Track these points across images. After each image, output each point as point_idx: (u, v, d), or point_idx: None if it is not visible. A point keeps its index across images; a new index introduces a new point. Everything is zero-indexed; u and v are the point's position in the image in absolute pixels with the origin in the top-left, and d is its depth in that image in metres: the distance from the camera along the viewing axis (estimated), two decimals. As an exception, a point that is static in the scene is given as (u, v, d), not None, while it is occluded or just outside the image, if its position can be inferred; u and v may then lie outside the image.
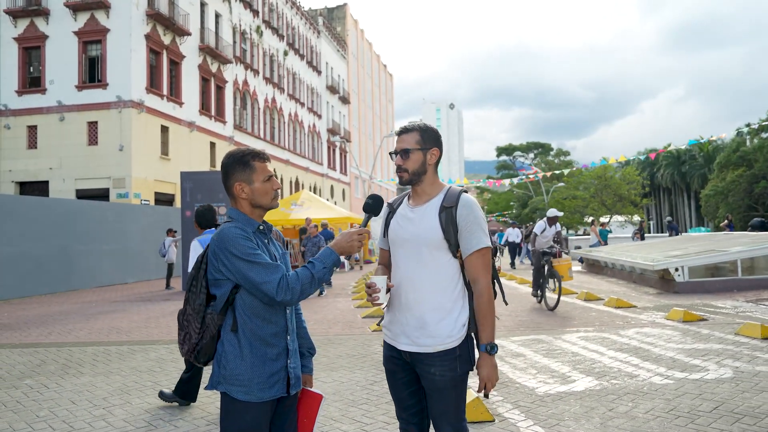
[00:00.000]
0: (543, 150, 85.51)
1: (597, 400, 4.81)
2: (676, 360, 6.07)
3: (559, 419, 4.36)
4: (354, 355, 6.82)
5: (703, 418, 4.27)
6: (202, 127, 31.51)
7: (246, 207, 2.33)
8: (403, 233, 2.45)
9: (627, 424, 4.19)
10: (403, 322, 2.42)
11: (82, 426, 4.54)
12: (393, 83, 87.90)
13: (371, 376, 5.77)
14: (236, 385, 2.22)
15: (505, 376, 5.64)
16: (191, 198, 16.20)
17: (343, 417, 4.55)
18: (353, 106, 63.78)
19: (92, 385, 5.79)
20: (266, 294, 2.16)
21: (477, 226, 2.35)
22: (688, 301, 10.50)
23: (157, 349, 7.62)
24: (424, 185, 2.47)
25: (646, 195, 63.24)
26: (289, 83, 45.41)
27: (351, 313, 10.57)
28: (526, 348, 6.95)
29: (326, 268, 2.23)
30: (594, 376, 5.57)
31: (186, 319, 2.29)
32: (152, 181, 26.96)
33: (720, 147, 64.73)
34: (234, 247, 2.18)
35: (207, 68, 32.28)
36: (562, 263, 10.26)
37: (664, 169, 75.40)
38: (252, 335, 2.24)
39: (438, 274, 2.38)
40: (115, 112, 25.72)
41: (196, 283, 2.28)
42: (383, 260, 2.63)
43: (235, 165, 2.31)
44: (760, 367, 5.63)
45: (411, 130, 2.48)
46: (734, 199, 47.66)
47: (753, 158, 49.11)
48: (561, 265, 10.22)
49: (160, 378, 5.99)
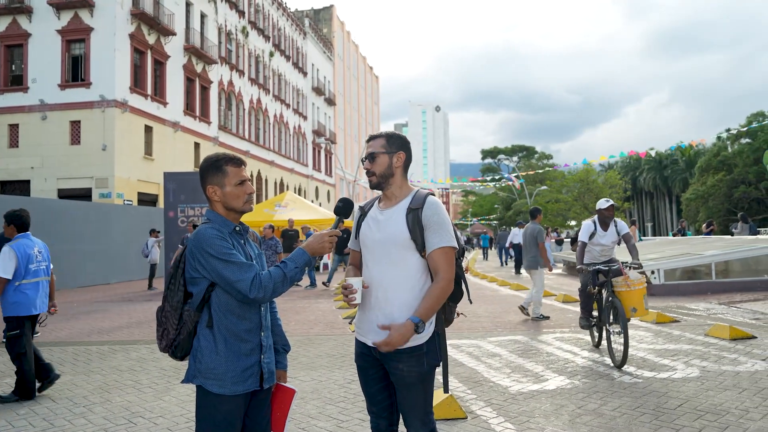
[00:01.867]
0: (527, 153, 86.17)
1: (567, 398, 4.96)
2: (647, 360, 6.24)
3: (529, 416, 4.50)
4: (333, 355, 6.92)
5: (667, 414, 4.43)
6: (186, 128, 31.41)
7: (220, 209, 2.44)
8: (373, 235, 2.57)
9: (594, 421, 4.34)
10: (372, 319, 2.54)
11: (63, 423, 4.60)
12: (379, 85, 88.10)
13: (349, 375, 5.88)
14: (211, 379, 2.32)
15: (480, 376, 5.78)
16: (174, 199, 16.21)
17: (320, 414, 4.66)
18: (339, 108, 63.85)
19: (72, 384, 5.83)
20: (240, 291, 2.28)
21: (441, 226, 2.48)
22: (663, 303, 10.73)
23: (138, 349, 7.66)
24: (393, 188, 2.59)
25: (628, 199, 64.01)
26: (275, 84, 45.39)
27: (332, 313, 10.67)
28: (502, 348, 7.10)
29: (298, 268, 2.35)
30: (566, 375, 5.73)
31: (164, 316, 2.39)
32: (135, 181, 26.84)
33: (701, 151, 65.74)
34: (210, 247, 2.29)
35: (192, 68, 32.19)
36: (632, 288, 6.05)
37: (647, 173, 76.34)
38: (227, 331, 2.35)
39: (406, 274, 2.50)
40: (98, 111, 25.58)
41: (174, 281, 2.38)
42: (354, 261, 2.75)
43: (210, 169, 2.43)
44: (726, 366, 5.82)
45: (378, 136, 2.63)
46: (714, 203, 48.46)
47: (733, 163, 49.99)
48: (630, 292, 6.05)
49: (141, 377, 6.06)
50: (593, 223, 6.91)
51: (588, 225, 6.93)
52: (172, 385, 5.71)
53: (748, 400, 4.69)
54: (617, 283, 6.17)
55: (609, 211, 6.81)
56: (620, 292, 6.12)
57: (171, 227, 16.32)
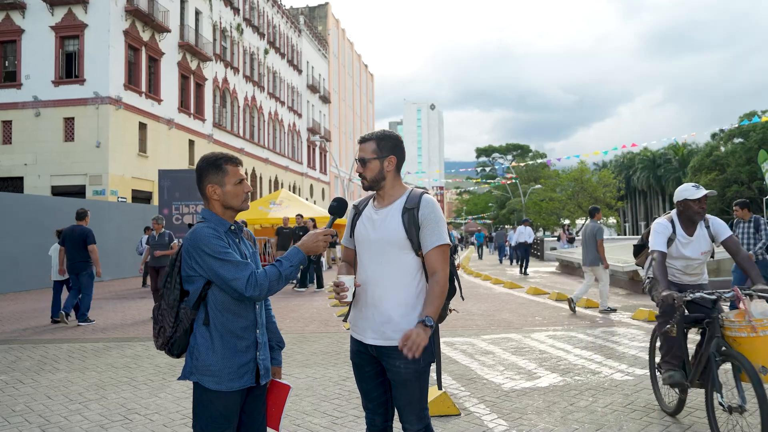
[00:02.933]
0: (522, 152, 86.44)
1: (559, 395, 5.02)
2: (638, 358, 6.32)
3: (522, 413, 4.56)
4: (328, 352, 6.97)
5: (657, 411, 4.50)
6: (180, 125, 31.35)
7: (218, 208, 2.47)
8: (368, 234, 2.61)
9: (586, 418, 4.40)
10: (369, 317, 2.58)
11: (59, 420, 4.63)
12: (374, 83, 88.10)
13: (344, 373, 5.93)
14: (207, 375, 2.37)
15: (473, 373, 5.84)
16: (169, 196, 16.20)
17: (315, 411, 4.70)
18: (334, 106, 63.83)
19: (68, 381, 5.86)
20: (236, 290, 2.31)
21: (436, 225, 2.52)
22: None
23: (133, 346, 7.68)
24: (386, 189, 2.63)
25: (622, 198, 64.31)
26: (270, 82, 45.34)
27: (327, 311, 10.71)
28: (496, 346, 7.17)
29: (293, 266, 2.39)
30: (558, 372, 5.79)
31: (161, 314, 2.43)
32: (129, 178, 26.78)
33: (694, 151, 66.09)
34: (206, 246, 2.33)
35: (186, 65, 32.12)
36: (758, 333, 3.53)
37: (640, 172, 76.69)
38: (223, 329, 2.39)
39: (401, 272, 2.55)
40: (92, 108, 25.51)
41: (171, 279, 2.42)
42: (347, 258, 2.79)
43: (209, 168, 2.46)
44: (716, 364, 5.89)
45: (368, 139, 2.63)
46: (707, 203, 48.64)
47: (726, 163, 50.26)
48: (756, 340, 3.54)
49: (136, 374, 6.08)
50: (671, 223, 4.39)
51: (663, 225, 4.36)
52: (167, 382, 5.74)
53: (736, 398, 4.76)
54: (732, 324, 3.67)
55: (701, 204, 4.27)
56: (737, 339, 3.61)
57: (166, 225, 16.29)
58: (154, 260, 10.33)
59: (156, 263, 10.33)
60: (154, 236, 10.50)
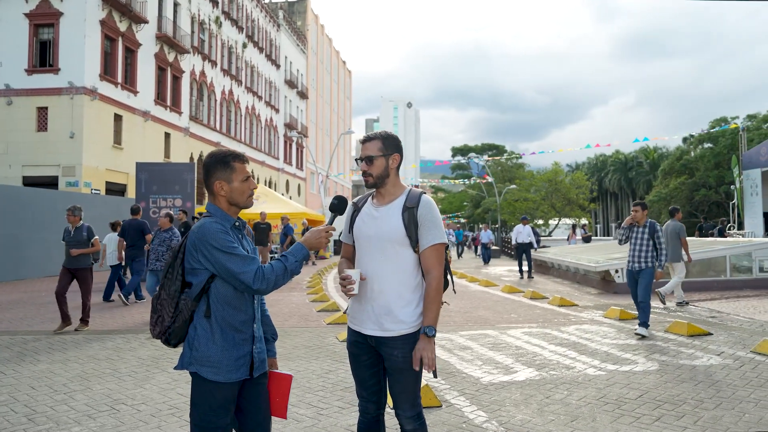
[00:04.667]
0: (497, 152, 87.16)
1: (536, 388, 5.22)
2: (610, 354, 6.56)
3: (500, 405, 4.74)
4: (310, 347, 7.07)
5: (628, 404, 4.72)
6: (157, 117, 31.01)
7: (224, 204, 2.56)
8: (368, 230, 2.74)
9: (561, 410, 4.60)
10: (368, 310, 2.71)
11: (45, 410, 4.66)
12: (352, 80, 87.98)
13: (326, 366, 6.05)
14: (207, 366, 2.45)
15: (452, 367, 6.01)
16: (146, 189, 16.10)
17: (300, 402, 4.82)
18: (311, 102, 63.63)
19: (51, 372, 5.87)
20: (243, 283, 2.40)
21: (434, 225, 2.67)
22: (626, 301, 11.13)
23: (113, 338, 7.69)
24: (387, 187, 2.76)
25: (594, 199, 65.36)
26: (247, 76, 45.04)
27: (306, 307, 10.80)
28: (473, 342, 7.35)
29: (297, 262, 2.50)
30: (534, 367, 5.99)
31: (160, 304, 2.49)
32: (104, 170, 26.42)
33: (665, 155, 67.45)
34: (214, 240, 2.41)
35: (164, 57, 31.77)
36: None
37: (612, 174, 77.98)
38: (223, 322, 2.47)
39: (400, 268, 2.69)
40: (66, 98, 25.09)
41: (172, 270, 2.48)
42: (346, 254, 2.92)
43: (217, 164, 2.54)
44: (684, 360, 6.17)
45: (374, 138, 2.77)
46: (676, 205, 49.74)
47: (695, 167, 51.38)
48: None
49: (119, 366, 6.12)
50: None
51: None
52: (151, 373, 5.79)
53: (703, 392, 5.01)
54: None
55: None
56: None
57: (143, 218, 16.18)
58: (71, 261, 8.26)
59: (72, 264, 8.26)
60: (69, 231, 8.40)
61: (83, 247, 8.28)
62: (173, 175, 16.56)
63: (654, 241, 7.71)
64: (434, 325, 2.65)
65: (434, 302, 2.65)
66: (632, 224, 7.92)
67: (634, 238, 7.83)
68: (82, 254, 8.25)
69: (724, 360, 6.18)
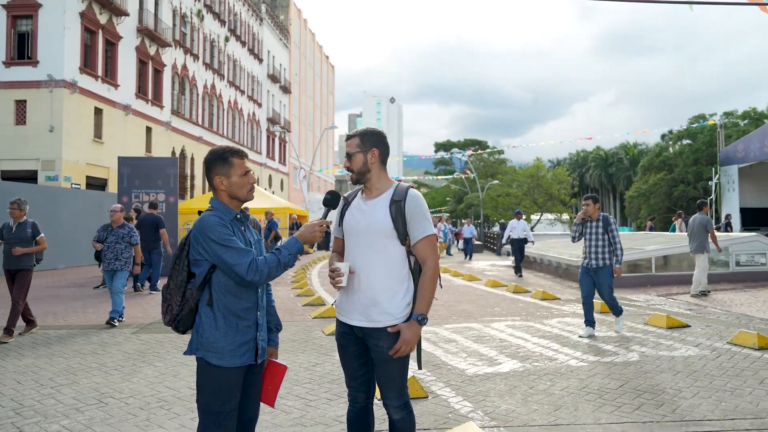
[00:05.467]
0: (480, 147, 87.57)
1: (520, 379, 5.32)
2: (591, 345, 6.70)
3: (485, 396, 4.84)
4: (296, 340, 7.12)
5: (610, 394, 4.84)
6: (138, 111, 30.68)
7: (225, 198, 2.66)
8: (357, 224, 2.80)
9: (545, 400, 4.71)
10: (356, 301, 2.77)
11: (32, 403, 4.66)
12: (335, 74, 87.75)
13: (313, 359, 6.10)
14: (211, 352, 2.55)
15: (438, 359, 6.10)
16: (129, 184, 15.97)
17: (288, 394, 4.87)
18: (294, 96, 63.36)
19: (36, 367, 5.85)
20: (238, 274, 2.50)
21: (423, 217, 2.74)
22: (607, 295, 11.32)
23: (99, 333, 7.67)
24: (372, 181, 2.83)
25: (575, 195, 65.99)
26: (230, 70, 44.72)
27: (291, 301, 10.83)
28: (458, 335, 7.45)
29: (291, 255, 2.58)
30: (518, 359, 6.10)
31: (169, 293, 2.62)
32: (84, 164, 26.10)
33: (644, 151, 68.29)
34: (212, 233, 2.51)
35: (145, 50, 31.42)
36: None
37: (593, 170, 78.80)
38: (225, 309, 2.57)
39: (388, 260, 2.75)
40: (45, 91, 24.71)
41: (179, 262, 2.61)
42: (337, 248, 2.97)
43: (216, 160, 2.64)
44: (663, 352, 6.32)
45: (353, 136, 2.85)
46: (655, 201, 50.50)
47: (674, 163, 52.12)
48: None
49: (106, 360, 6.11)
50: None
51: None
52: (138, 367, 5.80)
53: (681, 381, 5.16)
54: None
55: None
56: None
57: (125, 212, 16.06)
58: (11, 261, 7.33)
59: (12, 265, 7.35)
60: (11, 227, 7.50)
61: (27, 246, 7.36)
62: (156, 169, 16.42)
63: (608, 235, 7.32)
64: (426, 313, 2.71)
65: (428, 290, 2.72)
66: (585, 219, 7.53)
67: (588, 233, 7.43)
68: (25, 254, 7.33)
69: (701, 351, 6.34)
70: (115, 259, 8.34)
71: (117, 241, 8.51)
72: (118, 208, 8.84)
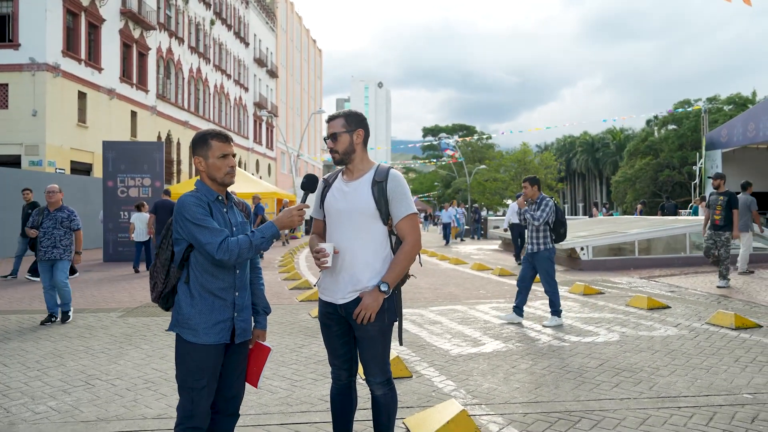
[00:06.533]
0: (467, 132, 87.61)
1: (502, 359, 5.42)
2: (573, 326, 6.82)
3: (468, 375, 4.93)
4: (283, 323, 7.18)
5: (589, 372, 4.95)
6: (122, 95, 30.35)
7: (206, 179, 2.70)
8: (339, 205, 2.84)
9: (526, 378, 4.81)
10: (339, 281, 2.82)
11: (19, 386, 4.69)
12: (322, 59, 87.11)
13: (299, 341, 6.17)
14: (186, 328, 2.61)
15: (423, 340, 6.19)
16: (114, 168, 15.88)
17: (275, 375, 4.94)
18: (281, 81, 62.89)
19: (22, 350, 5.87)
20: (209, 253, 2.55)
21: (404, 197, 2.79)
22: (590, 277, 11.50)
23: (85, 317, 7.68)
24: (355, 163, 2.87)
25: (562, 179, 66.35)
26: (216, 54, 44.27)
27: (278, 285, 10.88)
28: (443, 317, 7.55)
29: (264, 239, 2.62)
30: (501, 340, 6.21)
31: (155, 271, 2.69)
32: (68, 149, 25.84)
33: (630, 136, 68.67)
34: (187, 212, 2.56)
35: (129, 34, 31.02)
36: None
37: (580, 155, 79.20)
38: (201, 287, 2.62)
39: (370, 240, 2.80)
40: (27, 74, 24.36)
41: (165, 241, 2.68)
42: (317, 229, 3.02)
43: (198, 142, 2.69)
44: (642, 332, 6.46)
45: (337, 117, 2.88)
46: (641, 186, 50.95)
47: (659, 148, 52.51)
48: None
49: (92, 343, 6.14)
50: None
51: None
52: (124, 350, 5.84)
53: (659, 360, 5.28)
54: None
55: None
56: None
57: (110, 197, 15.99)
58: None
59: None
60: None
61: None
62: (142, 153, 16.33)
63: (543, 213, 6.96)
64: (391, 284, 2.73)
65: (400, 264, 2.76)
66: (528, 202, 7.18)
67: (529, 215, 7.07)
68: None
69: (680, 331, 6.48)
70: (52, 247, 7.26)
71: (55, 226, 7.35)
72: (56, 189, 7.62)
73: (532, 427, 3.74)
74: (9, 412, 4.10)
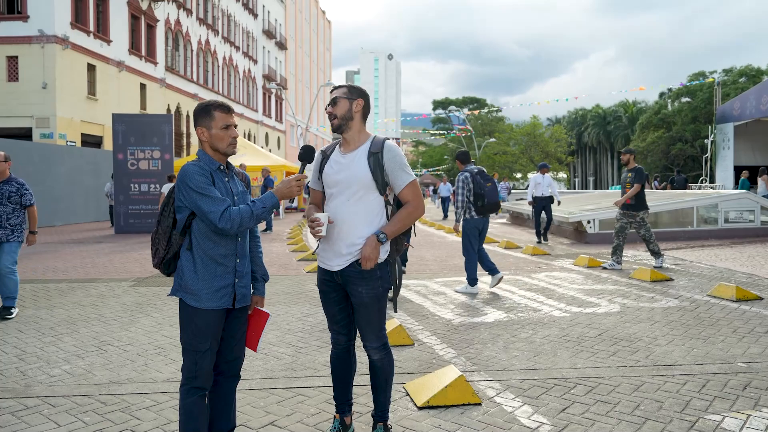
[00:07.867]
0: (478, 105, 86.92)
1: (503, 328, 5.54)
2: (575, 298, 6.91)
3: (469, 343, 5.05)
4: (290, 293, 7.33)
5: (588, 342, 5.06)
6: (131, 68, 30.35)
7: (208, 149, 2.78)
8: (336, 176, 2.93)
9: (525, 347, 4.92)
10: (336, 249, 2.92)
11: (35, 350, 4.87)
12: (331, 30, 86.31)
13: (306, 310, 6.31)
14: (189, 294, 2.72)
15: (426, 310, 6.31)
16: (124, 141, 16.00)
17: (281, 342, 5.08)
18: (290, 53, 62.48)
19: (37, 317, 6.05)
20: (211, 221, 2.64)
21: (402, 167, 2.89)
22: (596, 250, 11.56)
23: (97, 286, 7.86)
24: (352, 132, 2.94)
25: (573, 153, 65.85)
26: (224, 25, 43.99)
27: (286, 256, 11.03)
28: (447, 288, 7.67)
29: (265, 209, 2.71)
30: (503, 310, 6.32)
31: (157, 237, 2.78)
32: (78, 121, 25.98)
33: (643, 109, 67.87)
34: (190, 181, 2.65)
35: (137, 5, 30.87)
36: None
37: (591, 128, 78.49)
38: (204, 254, 2.72)
39: (366, 210, 2.89)
40: (37, 47, 24.40)
41: (167, 208, 2.75)
42: (315, 200, 3.11)
43: (200, 112, 2.76)
44: (643, 303, 6.54)
45: (340, 86, 2.98)
46: (653, 159, 50.49)
47: (672, 121, 51.88)
48: None
49: (104, 311, 6.31)
50: None
51: None
52: (136, 317, 6.00)
53: (657, 330, 5.37)
54: None
55: None
56: None
57: (120, 169, 16.15)
58: None
59: None
60: None
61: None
62: (151, 126, 16.43)
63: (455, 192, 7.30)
64: (389, 235, 2.85)
65: (401, 221, 2.87)
66: None
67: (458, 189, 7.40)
68: None
69: (681, 303, 6.56)
70: None
71: (1, 202, 6.09)
72: (1, 157, 6.12)
73: (528, 393, 3.85)
74: (25, 375, 4.27)
